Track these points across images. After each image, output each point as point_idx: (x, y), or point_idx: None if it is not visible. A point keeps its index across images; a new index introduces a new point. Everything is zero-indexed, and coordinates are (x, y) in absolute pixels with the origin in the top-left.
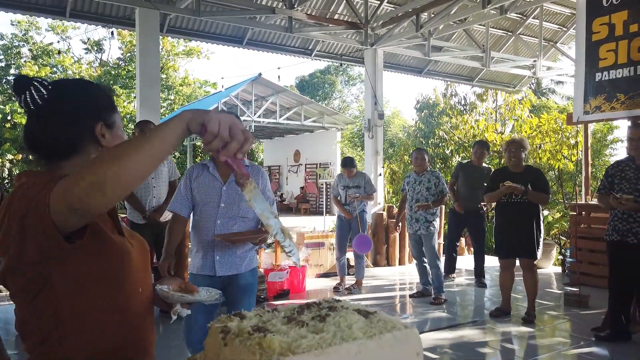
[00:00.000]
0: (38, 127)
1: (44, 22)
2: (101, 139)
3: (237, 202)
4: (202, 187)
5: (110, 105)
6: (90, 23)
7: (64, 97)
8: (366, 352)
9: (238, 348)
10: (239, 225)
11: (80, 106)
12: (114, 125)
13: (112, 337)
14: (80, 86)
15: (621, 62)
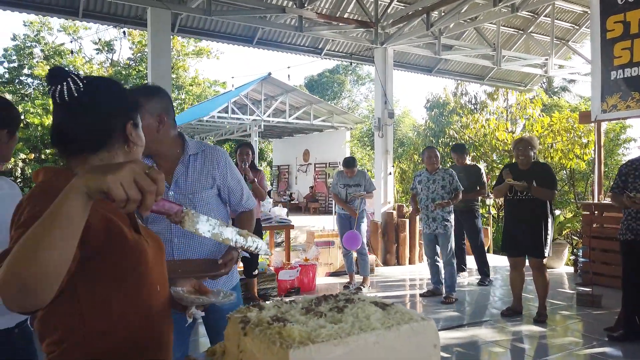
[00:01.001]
0: (70, 119)
1: (55, 22)
2: (130, 137)
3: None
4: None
5: (136, 106)
6: (102, 23)
7: (100, 93)
8: (384, 342)
9: (258, 337)
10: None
11: (114, 104)
12: (139, 125)
13: (134, 335)
14: (114, 85)
15: (637, 60)
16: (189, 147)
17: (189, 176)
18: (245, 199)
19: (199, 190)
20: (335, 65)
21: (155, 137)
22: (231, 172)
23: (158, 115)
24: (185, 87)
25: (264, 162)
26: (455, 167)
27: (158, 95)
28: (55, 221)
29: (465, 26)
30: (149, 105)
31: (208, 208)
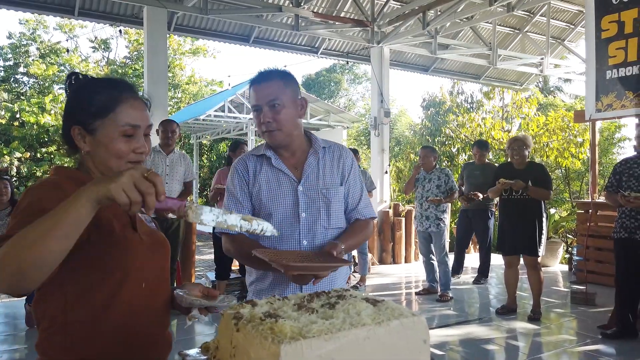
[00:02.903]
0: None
1: (51, 21)
2: (78, 142)
3: (327, 205)
4: (269, 190)
5: (98, 112)
6: (98, 21)
7: (69, 96)
8: (374, 338)
9: (250, 333)
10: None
11: (69, 106)
12: (97, 131)
13: (118, 331)
14: (78, 86)
15: (631, 60)
16: (318, 140)
17: (320, 170)
18: (363, 204)
19: (332, 185)
20: (332, 64)
21: (296, 124)
22: (354, 172)
23: (300, 99)
24: (181, 86)
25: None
26: (472, 165)
27: (294, 78)
28: (62, 220)
29: (461, 25)
30: (291, 88)
31: (341, 207)
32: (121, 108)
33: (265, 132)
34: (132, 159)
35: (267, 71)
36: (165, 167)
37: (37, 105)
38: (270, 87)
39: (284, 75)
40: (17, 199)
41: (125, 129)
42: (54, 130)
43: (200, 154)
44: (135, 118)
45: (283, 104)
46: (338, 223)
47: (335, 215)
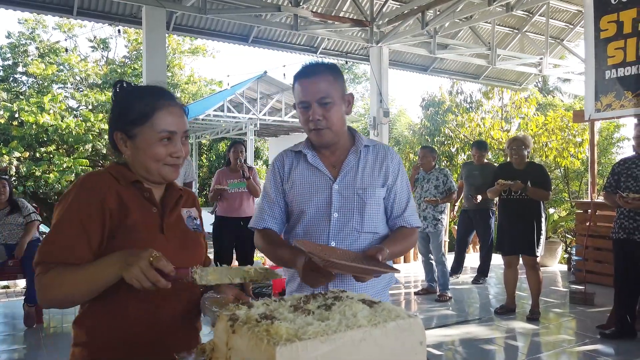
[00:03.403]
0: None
1: (50, 20)
2: (120, 147)
3: (360, 207)
4: (301, 187)
5: (137, 119)
6: (97, 21)
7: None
8: (370, 340)
9: (246, 335)
10: (365, 245)
11: (113, 112)
12: (136, 137)
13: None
14: (121, 94)
15: (630, 60)
16: (362, 138)
17: (359, 170)
18: (409, 212)
19: (371, 186)
20: None
21: (344, 121)
22: (402, 175)
23: (347, 95)
24: (180, 86)
25: (259, 161)
26: (471, 165)
27: (340, 72)
28: (92, 281)
29: (460, 25)
30: (339, 84)
31: (378, 211)
32: (158, 115)
33: (313, 130)
34: (169, 162)
35: (315, 64)
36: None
37: (36, 104)
38: (321, 83)
39: (333, 69)
40: (15, 199)
41: (162, 135)
42: (52, 130)
43: (200, 154)
44: (171, 124)
45: (333, 101)
46: (372, 227)
47: (370, 218)
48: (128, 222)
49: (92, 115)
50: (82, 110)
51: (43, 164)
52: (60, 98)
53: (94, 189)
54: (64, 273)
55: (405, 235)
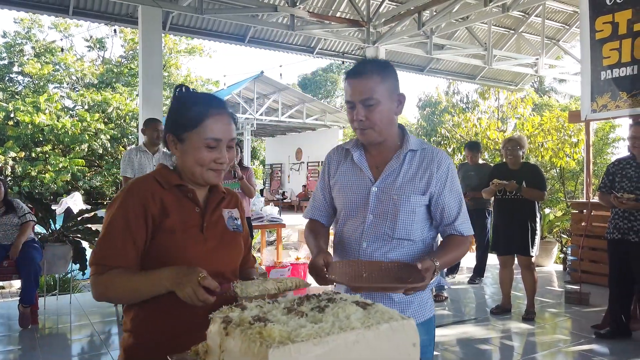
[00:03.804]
0: None
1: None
2: (171, 148)
3: (394, 212)
4: (343, 185)
5: (187, 124)
6: (92, 21)
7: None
8: (364, 342)
9: (239, 337)
10: (396, 251)
11: (168, 115)
12: (185, 141)
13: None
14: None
15: (625, 61)
16: (409, 141)
17: (401, 175)
18: (461, 220)
19: (408, 193)
20: (328, 64)
21: (391, 121)
22: (452, 182)
23: (398, 95)
24: None
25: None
26: (467, 165)
27: (393, 71)
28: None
29: (456, 26)
30: (388, 83)
31: (411, 218)
32: (207, 122)
33: (357, 130)
34: (213, 167)
35: (363, 63)
36: (152, 166)
37: (32, 104)
38: (366, 84)
39: (382, 69)
40: (10, 199)
41: (208, 142)
42: (48, 130)
43: None
44: (218, 132)
45: (378, 101)
46: (404, 234)
47: (402, 225)
48: (167, 224)
49: (88, 115)
50: (78, 110)
51: (39, 164)
52: (56, 98)
53: (138, 195)
54: (118, 279)
55: (457, 244)
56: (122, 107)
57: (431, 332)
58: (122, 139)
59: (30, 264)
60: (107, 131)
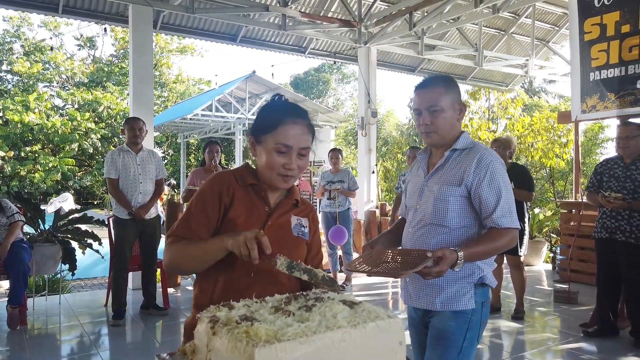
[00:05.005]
0: None
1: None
2: (250, 149)
3: (431, 201)
4: (409, 183)
5: (265, 128)
6: (82, 19)
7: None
8: (350, 340)
9: (226, 336)
10: (435, 237)
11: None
12: (262, 143)
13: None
14: (269, 104)
15: (613, 62)
16: (459, 141)
17: (443, 170)
18: (498, 214)
19: (443, 185)
20: (321, 64)
21: (453, 126)
22: (492, 177)
23: (458, 104)
24: (168, 85)
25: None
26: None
27: (455, 85)
28: (208, 255)
29: (447, 26)
30: (451, 94)
31: (444, 206)
32: (282, 128)
33: (423, 133)
34: (282, 172)
35: (430, 78)
36: (137, 166)
37: (21, 103)
38: (431, 93)
39: (446, 82)
40: None
41: (279, 147)
42: (38, 129)
43: (188, 153)
44: (290, 139)
45: (442, 109)
46: (438, 220)
47: (436, 211)
48: (230, 215)
49: (78, 114)
50: (68, 109)
51: (28, 163)
52: (46, 97)
53: (216, 185)
54: (187, 246)
55: (492, 237)
56: (113, 106)
57: (462, 324)
58: (112, 138)
59: (18, 265)
60: (97, 130)
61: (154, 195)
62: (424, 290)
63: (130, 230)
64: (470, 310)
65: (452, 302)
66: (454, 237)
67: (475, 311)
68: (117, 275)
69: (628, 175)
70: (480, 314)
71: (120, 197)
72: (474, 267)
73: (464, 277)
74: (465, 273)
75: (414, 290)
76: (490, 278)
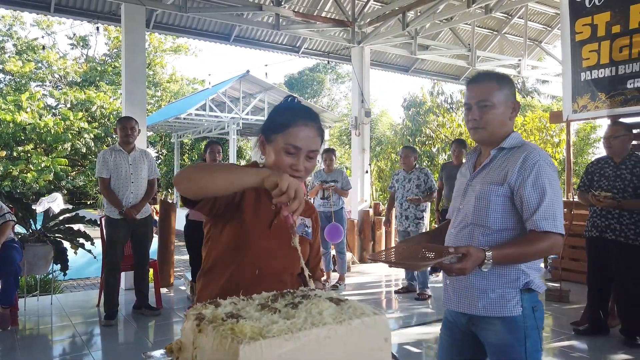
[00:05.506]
0: None
1: (28, 16)
2: (260, 147)
3: (473, 200)
4: (457, 179)
5: (276, 128)
6: (75, 18)
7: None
8: (335, 337)
9: (211, 333)
10: (479, 238)
11: (267, 118)
12: (272, 142)
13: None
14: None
15: (603, 63)
16: (506, 141)
17: (488, 169)
18: (539, 216)
19: (486, 184)
20: (315, 64)
21: (503, 124)
22: (537, 177)
23: (512, 102)
24: (162, 84)
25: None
26: (451, 165)
27: (510, 82)
28: (233, 172)
29: (440, 26)
30: (504, 91)
31: (486, 206)
32: (291, 130)
33: (471, 129)
34: (289, 172)
35: (484, 73)
36: (129, 166)
37: (14, 102)
38: (483, 88)
39: (500, 78)
40: None
41: (287, 147)
42: (30, 129)
43: (182, 153)
44: (299, 140)
45: (492, 105)
46: (479, 220)
47: (477, 211)
48: (240, 213)
49: (71, 114)
50: (61, 108)
51: (20, 163)
52: (39, 96)
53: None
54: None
55: (529, 240)
56: (106, 105)
57: (518, 334)
58: (106, 138)
59: (9, 265)
60: (90, 130)
61: (145, 195)
62: (465, 293)
63: (122, 230)
64: (521, 318)
65: (495, 308)
66: (495, 238)
67: (528, 317)
68: (109, 275)
69: (618, 175)
70: (534, 319)
71: (111, 197)
72: (518, 271)
73: (508, 282)
74: (510, 278)
75: (454, 293)
76: (537, 283)
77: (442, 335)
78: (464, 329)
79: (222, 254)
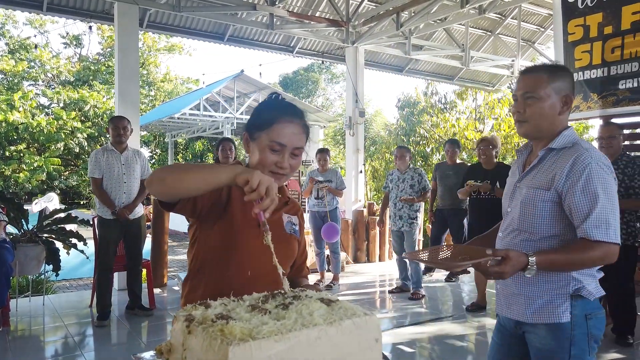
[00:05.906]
0: None
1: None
2: (244, 145)
3: (520, 205)
4: (508, 177)
5: (260, 125)
6: (67, 17)
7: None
8: (326, 338)
9: (201, 335)
10: (524, 244)
11: (251, 115)
12: (256, 140)
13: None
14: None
15: (595, 63)
16: (556, 140)
17: (536, 170)
18: (590, 224)
19: (532, 188)
20: (310, 64)
21: (550, 119)
22: (587, 182)
23: (564, 96)
24: (156, 84)
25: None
26: (445, 165)
27: (566, 74)
28: (208, 173)
29: (434, 27)
30: (556, 83)
31: (532, 212)
32: (277, 126)
33: (516, 123)
34: (274, 170)
35: (538, 65)
36: (121, 166)
37: (6, 102)
38: (531, 79)
39: (552, 70)
40: None
41: (272, 145)
42: (23, 128)
43: (176, 153)
44: (283, 137)
45: (539, 97)
46: (525, 226)
47: (523, 217)
48: (229, 215)
49: (64, 113)
50: (54, 108)
51: (13, 163)
52: (31, 95)
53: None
54: (184, 164)
55: (578, 248)
56: (100, 105)
57: (562, 340)
58: (99, 137)
59: (1, 265)
60: (84, 130)
61: (138, 195)
62: (513, 299)
63: (114, 230)
64: (568, 324)
65: (543, 314)
66: (541, 246)
67: (577, 325)
68: (102, 276)
69: None
70: (586, 327)
71: (103, 197)
72: (568, 277)
73: (556, 289)
74: (559, 284)
75: (504, 299)
76: (590, 289)
77: (494, 337)
78: (512, 332)
79: (211, 256)
